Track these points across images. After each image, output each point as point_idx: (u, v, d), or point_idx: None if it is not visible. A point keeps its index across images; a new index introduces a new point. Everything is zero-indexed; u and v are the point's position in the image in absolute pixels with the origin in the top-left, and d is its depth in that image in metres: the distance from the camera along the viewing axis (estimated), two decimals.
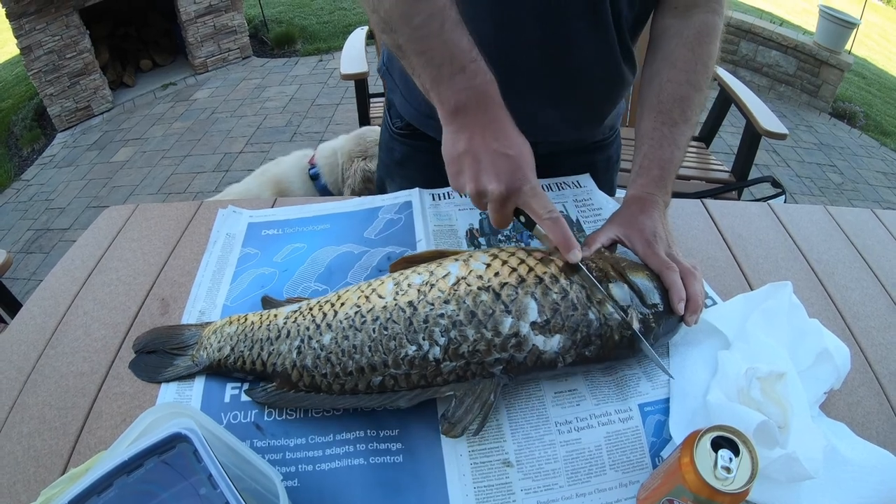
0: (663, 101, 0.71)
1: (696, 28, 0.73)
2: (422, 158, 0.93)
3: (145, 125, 3.95)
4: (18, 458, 0.58)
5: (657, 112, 0.71)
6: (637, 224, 0.67)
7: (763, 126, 1.68)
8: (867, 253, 0.88)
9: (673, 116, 0.70)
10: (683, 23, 0.74)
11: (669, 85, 0.72)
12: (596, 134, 0.96)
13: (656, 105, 0.72)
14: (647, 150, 0.71)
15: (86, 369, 0.67)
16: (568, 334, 0.56)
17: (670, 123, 0.70)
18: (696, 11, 0.74)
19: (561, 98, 0.80)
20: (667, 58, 0.73)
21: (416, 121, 0.91)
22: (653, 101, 0.72)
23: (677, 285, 0.61)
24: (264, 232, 0.83)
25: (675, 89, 0.71)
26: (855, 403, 0.65)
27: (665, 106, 0.71)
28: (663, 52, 0.74)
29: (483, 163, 0.60)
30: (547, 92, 0.79)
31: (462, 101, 0.60)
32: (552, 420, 0.57)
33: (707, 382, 0.59)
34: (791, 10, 6.96)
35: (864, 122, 4.10)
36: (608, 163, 1.02)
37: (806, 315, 0.67)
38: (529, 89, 0.78)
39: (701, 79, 0.72)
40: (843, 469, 0.54)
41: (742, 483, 0.42)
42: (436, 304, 0.57)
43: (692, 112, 0.72)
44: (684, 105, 0.71)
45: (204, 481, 0.46)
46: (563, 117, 0.83)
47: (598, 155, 1.00)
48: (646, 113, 0.73)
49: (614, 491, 0.53)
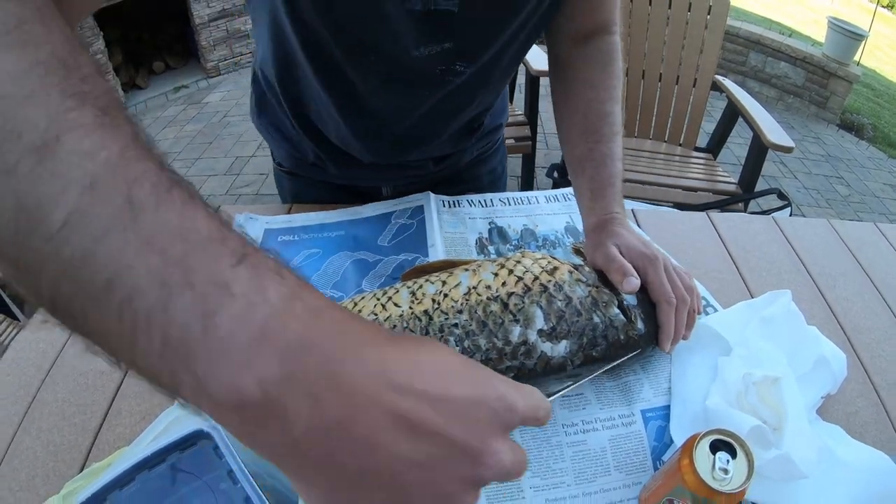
0: (591, 121, 0.73)
1: (600, 50, 0.76)
2: (312, 191, 0.95)
3: (157, 127, 4.00)
4: (38, 453, 0.60)
5: (588, 133, 0.73)
6: (623, 240, 0.66)
7: (770, 139, 1.70)
8: (869, 266, 0.90)
9: (604, 132, 0.72)
10: (587, 48, 0.76)
11: (593, 104, 0.74)
12: (468, 142, 0.93)
13: (585, 127, 0.74)
14: (591, 173, 0.71)
15: (105, 368, 0.67)
16: (574, 339, 0.58)
17: (604, 140, 0.72)
18: (597, 36, 0.76)
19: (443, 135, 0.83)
20: (582, 80, 0.76)
21: (292, 166, 0.96)
22: (579, 124, 0.74)
23: (670, 323, 0.62)
24: (280, 238, 0.85)
25: (599, 108, 0.73)
26: (853, 413, 0.67)
27: (594, 126, 0.73)
28: (577, 78, 0.76)
29: (439, 470, 0.27)
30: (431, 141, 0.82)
31: (263, 369, 0.23)
32: (559, 422, 0.60)
33: (707, 388, 0.62)
34: (801, 21, 6.98)
35: (872, 134, 4.11)
36: (492, 175, 1.03)
37: (804, 322, 0.69)
38: (409, 143, 0.81)
39: (618, 93, 0.75)
40: (838, 469, 0.56)
41: (739, 483, 0.45)
42: (450, 313, 0.59)
43: (618, 124, 0.74)
44: (611, 119, 0.73)
45: (224, 476, 0.48)
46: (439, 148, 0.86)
47: (481, 168, 1.00)
48: (576, 139, 0.74)
49: (618, 491, 0.55)
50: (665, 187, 1.96)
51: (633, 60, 2.16)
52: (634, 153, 2.17)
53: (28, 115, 0.23)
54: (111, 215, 0.23)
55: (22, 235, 0.23)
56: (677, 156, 2.18)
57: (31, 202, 0.23)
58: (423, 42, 0.64)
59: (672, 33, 2.09)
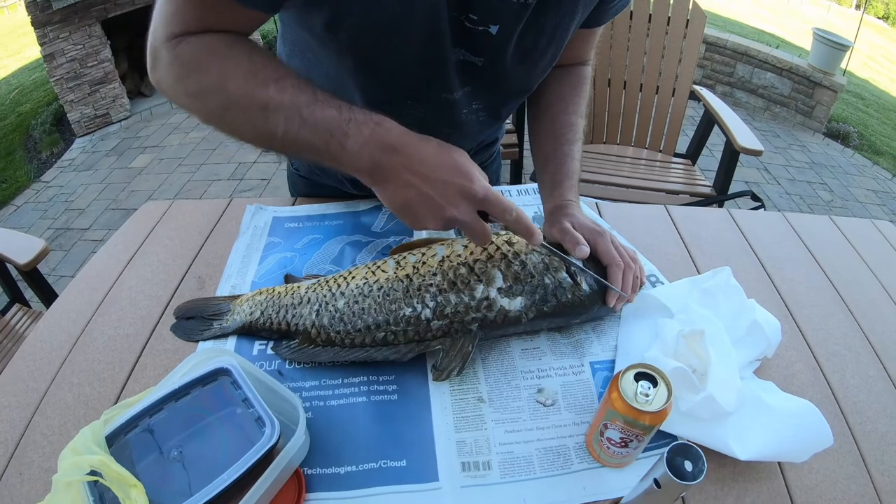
0: (558, 127, 0.87)
1: (574, 75, 0.91)
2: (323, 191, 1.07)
3: (162, 134, 4.11)
4: (69, 403, 0.69)
5: (555, 136, 0.86)
6: (576, 219, 0.78)
7: (740, 143, 1.81)
8: (819, 253, 1.00)
9: (567, 137, 0.86)
10: (564, 72, 0.90)
11: (561, 115, 0.88)
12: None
13: (552, 131, 0.87)
14: (554, 168, 0.85)
15: (131, 332, 0.78)
16: (528, 296, 0.70)
17: (567, 143, 0.85)
18: (572, 66, 0.91)
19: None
20: (554, 94, 0.89)
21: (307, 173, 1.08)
22: (548, 129, 0.88)
23: (617, 282, 0.73)
24: (287, 225, 0.97)
25: (566, 118, 0.87)
26: (791, 375, 0.76)
27: (560, 131, 0.86)
28: (551, 93, 0.90)
29: (432, 197, 0.61)
30: None
31: (368, 160, 0.60)
32: (518, 369, 0.71)
33: (649, 345, 0.72)
34: (793, 31, 7.11)
35: (858, 142, 4.21)
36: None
37: (744, 295, 0.78)
38: None
39: (583, 109, 0.90)
40: (766, 414, 0.65)
41: (660, 405, 0.54)
42: (426, 276, 0.71)
43: (580, 133, 0.87)
44: (575, 128, 0.87)
45: (240, 403, 0.59)
46: None
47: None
48: (544, 139, 0.88)
49: (568, 427, 0.66)
50: (646, 191, 2.07)
51: (615, 71, 2.27)
52: (617, 159, 2.27)
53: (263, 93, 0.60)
54: (298, 125, 0.59)
55: (268, 137, 0.61)
56: (658, 161, 2.28)
57: (277, 133, 0.60)
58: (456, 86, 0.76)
59: (652, 46, 2.20)
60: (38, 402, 0.70)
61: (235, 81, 0.59)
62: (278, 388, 0.61)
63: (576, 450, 0.63)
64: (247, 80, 0.59)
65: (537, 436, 0.64)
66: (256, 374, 0.63)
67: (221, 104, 0.61)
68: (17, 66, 6.05)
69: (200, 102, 0.62)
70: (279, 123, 0.59)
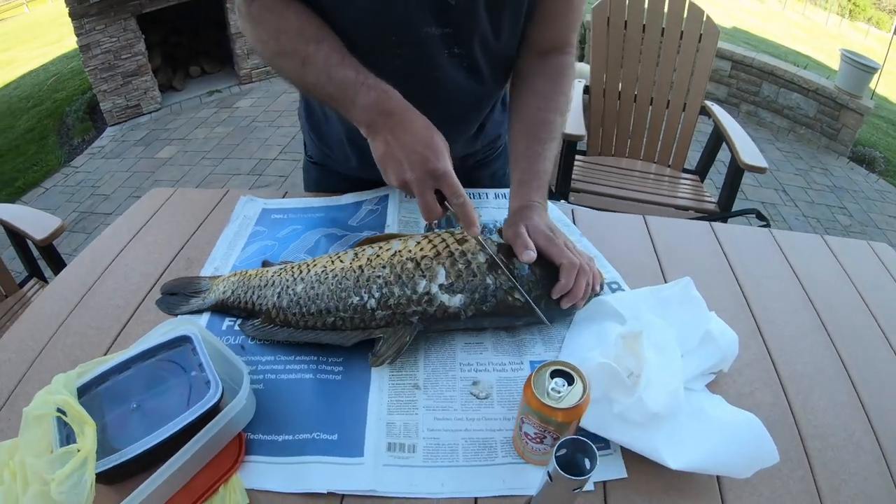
0: (532, 125, 0.87)
1: (554, 66, 0.90)
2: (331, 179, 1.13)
3: (189, 127, 4.24)
4: (60, 362, 0.76)
5: (528, 134, 0.86)
6: (532, 223, 0.79)
7: (744, 160, 1.81)
8: (802, 271, 0.98)
9: (542, 136, 0.85)
10: (543, 62, 0.90)
11: (537, 112, 0.87)
12: (474, 146, 1.08)
13: (526, 129, 0.87)
14: (524, 167, 0.85)
15: (122, 303, 0.86)
16: (468, 294, 0.74)
17: (540, 142, 0.85)
18: (553, 54, 0.90)
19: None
20: (532, 90, 0.89)
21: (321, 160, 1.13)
22: (523, 125, 0.88)
23: (569, 281, 0.75)
24: (273, 216, 1.02)
25: (542, 115, 0.87)
26: (748, 394, 0.74)
27: (534, 129, 0.86)
28: (528, 86, 0.90)
29: (400, 159, 0.72)
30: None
31: (368, 117, 0.75)
32: (458, 361, 0.75)
33: (592, 347, 0.72)
34: (827, 52, 6.98)
35: (884, 168, 4.12)
36: (493, 178, 1.16)
37: (705, 307, 0.77)
38: None
39: (562, 105, 0.89)
40: (707, 425, 0.64)
41: (572, 403, 0.56)
42: (377, 268, 0.76)
43: (557, 132, 0.87)
44: (550, 127, 0.86)
45: (196, 367, 0.66)
46: None
47: (483, 171, 1.15)
48: (518, 136, 0.88)
49: (498, 421, 0.68)
50: (652, 205, 2.07)
51: (626, 84, 2.29)
52: (626, 173, 2.29)
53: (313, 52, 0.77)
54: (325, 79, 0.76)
55: (302, 84, 0.82)
56: (666, 176, 2.29)
57: (309, 81, 0.80)
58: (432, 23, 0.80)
59: (664, 60, 2.21)
60: (34, 359, 0.77)
61: (287, 36, 0.78)
62: (230, 356, 0.67)
63: (502, 444, 0.65)
64: (294, 37, 0.78)
65: (466, 426, 0.67)
66: (214, 342, 0.69)
67: (274, 52, 0.81)
68: (57, 54, 6.29)
69: (262, 47, 0.82)
70: (312, 75, 0.77)
